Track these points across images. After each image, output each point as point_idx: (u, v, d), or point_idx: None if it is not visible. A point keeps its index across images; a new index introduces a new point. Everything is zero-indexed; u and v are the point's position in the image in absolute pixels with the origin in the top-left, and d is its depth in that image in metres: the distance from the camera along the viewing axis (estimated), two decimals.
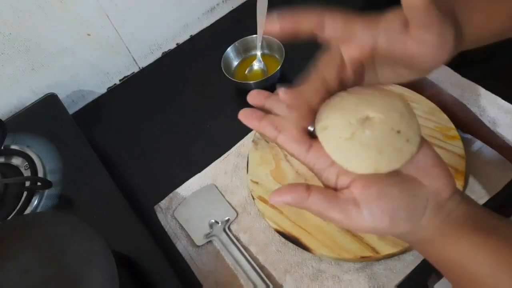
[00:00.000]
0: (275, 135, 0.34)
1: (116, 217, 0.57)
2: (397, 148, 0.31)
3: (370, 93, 0.33)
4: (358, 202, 0.31)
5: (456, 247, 0.31)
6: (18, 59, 0.70)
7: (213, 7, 0.85)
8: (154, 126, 0.74)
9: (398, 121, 0.31)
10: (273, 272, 0.53)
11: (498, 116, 0.58)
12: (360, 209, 0.31)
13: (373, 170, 0.31)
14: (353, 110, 0.32)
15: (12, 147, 0.66)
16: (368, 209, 0.30)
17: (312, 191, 0.32)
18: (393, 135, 0.31)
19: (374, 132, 0.31)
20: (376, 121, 0.31)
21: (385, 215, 0.30)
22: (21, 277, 0.43)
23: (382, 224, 0.30)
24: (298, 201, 0.32)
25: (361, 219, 0.31)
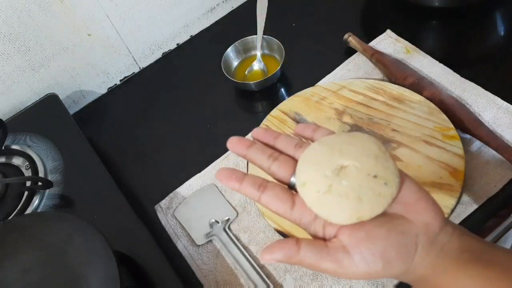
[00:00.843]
0: (258, 196, 0.34)
1: (117, 216, 0.57)
2: (376, 193, 0.30)
3: (342, 141, 0.33)
4: (348, 249, 0.30)
5: (455, 282, 0.30)
6: (19, 59, 0.70)
7: (213, 7, 0.85)
8: (155, 126, 0.74)
9: (374, 165, 0.31)
10: (273, 272, 0.54)
11: (498, 116, 0.58)
12: (350, 255, 0.30)
13: (356, 219, 0.30)
14: (327, 161, 0.32)
15: (12, 147, 0.66)
16: (359, 254, 0.30)
17: (301, 244, 0.31)
18: (371, 181, 0.30)
19: (351, 181, 0.31)
20: (351, 169, 0.31)
21: (376, 258, 0.30)
22: (21, 277, 0.43)
23: (375, 267, 0.30)
24: (289, 256, 0.31)
25: (353, 265, 0.30)
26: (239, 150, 0.36)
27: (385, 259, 0.30)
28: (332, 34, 0.76)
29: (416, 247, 0.30)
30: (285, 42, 0.73)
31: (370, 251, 0.30)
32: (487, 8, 0.72)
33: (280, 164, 0.35)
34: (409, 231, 0.30)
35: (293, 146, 0.36)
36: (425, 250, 0.30)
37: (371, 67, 0.69)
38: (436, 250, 0.30)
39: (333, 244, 0.31)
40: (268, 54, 0.77)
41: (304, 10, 0.83)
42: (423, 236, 0.30)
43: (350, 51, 0.73)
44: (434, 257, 0.30)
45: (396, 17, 0.77)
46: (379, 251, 0.30)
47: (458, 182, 0.53)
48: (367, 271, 0.30)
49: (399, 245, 0.30)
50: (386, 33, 0.73)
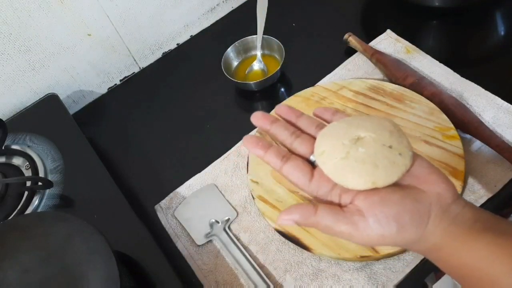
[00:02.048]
0: (280, 165, 0.36)
1: (117, 216, 0.57)
2: (391, 161, 0.32)
3: (359, 118, 0.36)
4: (363, 212, 0.32)
5: (469, 250, 0.31)
6: (19, 59, 0.70)
7: (213, 7, 0.85)
8: (155, 126, 0.74)
9: (388, 138, 0.33)
10: (273, 272, 0.54)
11: (498, 116, 0.58)
12: (365, 218, 0.31)
13: (371, 184, 0.32)
14: (345, 133, 0.34)
15: (13, 147, 0.66)
16: (373, 216, 0.31)
17: (319, 207, 0.33)
18: (386, 150, 0.32)
19: (367, 149, 0.33)
20: (368, 139, 0.33)
21: (390, 221, 0.31)
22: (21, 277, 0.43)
23: (389, 230, 0.31)
24: (306, 217, 0.33)
25: (368, 228, 0.31)
26: (262, 125, 0.38)
27: (399, 222, 0.31)
28: (332, 34, 0.76)
29: (429, 214, 0.31)
30: (285, 42, 0.73)
31: (384, 214, 0.31)
32: (487, 8, 0.72)
33: (301, 141, 0.37)
34: (422, 199, 0.32)
35: (314, 126, 0.38)
36: (438, 218, 0.31)
37: (371, 67, 0.69)
38: (449, 219, 0.32)
39: (348, 208, 0.33)
40: (268, 54, 0.77)
41: (304, 10, 0.83)
42: (435, 205, 0.32)
43: (350, 51, 0.73)
44: (446, 225, 0.31)
45: (396, 17, 0.77)
46: (393, 215, 0.31)
47: (458, 182, 0.53)
48: (382, 234, 0.31)
49: (413, 210, 0.31)
50: (386, 33, 0.73)
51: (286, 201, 0.57)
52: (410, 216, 0.31)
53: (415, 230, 0.31)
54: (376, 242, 0.32)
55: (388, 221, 0.31)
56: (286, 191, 0.58)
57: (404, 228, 0.31)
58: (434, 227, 0.31)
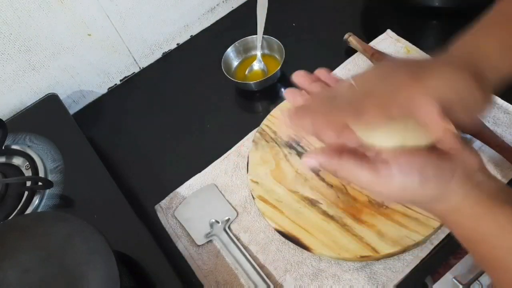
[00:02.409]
0: None
1: (117, 216, 0.57)
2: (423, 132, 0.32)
3: None
4: (388, 160, 0.32)
5: (488, 217, 0.31)
6: (19, 59, 0.70)
7: (213, 7, 0.85)
8: (155, 126, 0.74)
9: None
10: (273, 271, 0.54)
11: (498, 116, 0.58)
12: (389, 166, 0.31)
13: (400, 142, 0.32)
14: None
15: (13, 147, 0.66)
16: (397, 165, 0.31)
17: (344, 152, 0.33)
18: None
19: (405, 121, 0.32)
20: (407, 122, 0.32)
21: (414, 171, 0.31)
22: (21, 277, 0.43)
23: (411, 181, 0.31)
24: (331, 158, 0.33)
25: (390, 176, 0.31)
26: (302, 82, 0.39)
27: (422, 175, 0.31)
28: (332, 34, 0.76)
29: (453, 174, 0.31)
30: (285, 42, 0.73)
31: (409, 164, 0.31)
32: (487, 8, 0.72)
33: None
34: (449, 159, 0.32)
35: None
36: (461, 180, 0.31)
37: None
38: (473, 183, 0.32)
39: (374, 157, 0.33)
40: (268, 54, 0.77)
41: (304, 10, 0.83)
42: (460, 168, 0.32)
43: (350, 51, 0.73)
44: (470, 188, 0.31)
45: (396, 17, 0.77)
46: (417, 166, 0.31)
47: None
48: (403, 184, 0.31)
49: (437, 166, 0.31)
50: (386, 33, 0.73)
51: (286, 201, 0.57)
52: (434, 171, 0.31)
53: (437, 186, 0.31)
54: (396, 193, 0.32)
55: (412, 171, 0.31)
56: (286, 191, 0.58)
57: (426, 181, 0.31)
58: (457, 188, 0.31)
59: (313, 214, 0.55)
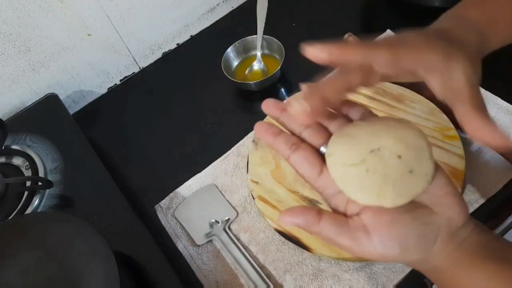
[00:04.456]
0: (288, 154, 0.34)
1: (117, 216, 0.57)
2: (406, 184, 0.30)
3: (388, 124, 0.32)
4: (368, 230, 0.30)
5: (470, 276, 0.31)
6: (19, 59, 0.70)
7: (213, 7, 0.85)
8: (155, 126, 0.74)
9: (413, 158, 0.30)
10: (273, 272, 0.54)
11: (498, 116, 0.58)
12: (370, 236, 0.30)
13: (378, 203, 0.30)
14: (366, 139, 0.31)
15: (13, 147, 0.66)
16: (378, 236, 0.30)
17: (323, 216, 0.31)
18: (404, 171, 0.30)
19: (383, 165, 0.30)
20: (387, 154, 0.30)
21: (395, 243, 0.30)
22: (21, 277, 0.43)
23: (392, 252, 0.30)
24: (309, 224, 0.31)
25: (371, 246, 0.30)
26: (273, 112, 0.37)
27: (403, 246, 0.30)
28: (332, 34, 0.76)
29: (436, 238, 0.31)
30: (285, 42, 0.73)
31: (390, 236, 0.30)
32: None
33: (312, 131, 0.35)
34: (432, 222, 0.31)
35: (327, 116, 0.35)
36: (444, 242, 0.31)
37: None
38: (455, 244, 0.31)
39: (354, 222, 0.31)
40: (268, 54, 0.77)
41: (304, 10, 0.83)
42: (444, 229, 0.31)
43: None
44: (452, 250, 0.31)
45: (396, 17, 0.77)
46: (398, 237, 0.30)
47: (458, 182, 0.52)
48: (383, 254, 0.30)
49: (420, 234, 0.30)
50: (386, 33, 0.73)
51: (286, 201, 0.57)
52: (416, 240, 0.30)
53: (418, 253, 0.31)
54: (376, 259, 0.31)
55: (393, 243, 0.30)
56: (286, 191, 0.58)
57: (407, 251, 0.30)
58: (439, 251, 0.31)
59: None
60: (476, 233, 0.31)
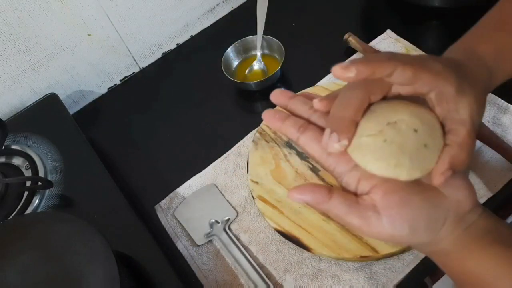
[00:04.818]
0: (297, 136, 0.34)
1: (117, 216, 0.57)
2: (421, 157, 0.30)
3: (403, 101, 0.33)
4: (378, 209, 0.31)
5: (476, 259, 0.31)
6: (19, 59, 0.70)
7: (213, 7, 0.85)
8: (155, 126, 0.74)
9: (428, 134, 0.31)
10: (273, 272, 0.54)
11: (498, 116, 0.58)
12: (379, 216, 0.30)
13: (394, 174, 0.30)
14: (383, 113, 0.32)
15: (12, 147, 0.66)
16: (388, 216, 0.30)
17: (333, 194, 0.32)
18: (421, 146, 0.30)
19: (401, 137, 0.30)
20: (404, 127, 0.31)
21: (404, 224, 0.30)
22: (21, 277, 0.43)
23: (401, 232, 0.30)
24: (318, 201, 0.32)
25: (380, 226, 0.30)
26: (281, 101, 0.37)
27: (412, 226, 0.30)
28: (332, 34, 0.76)
29: (444, 221, 0.31)
30: (285, 42, 0.73)
31: (400, 216, 0.30)
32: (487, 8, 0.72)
33: (321, 115, 0.35)
34: (442, 205, 0.31)
35: None
36: (452, 225, 0.31)
37: None
38: (463, 227, 0.31)
39: (364, 201, 0.31)
40: (268, 54, 0.77)
41: (304, 10, 0.83)
42: (453, 212, 0.31)
43: (350, 51, 0.73)
44: (459, 233, 0.31)
45: (396, 17, 0.77)
46: (408, 218, 0.30)
47: None
48: (392, 234, 0.31)
49: (429, 216, 0.31)
50: (386, 33, 0.73)
51: (286, 201, 0.57)
52: (425, 222, 0.30)
53: (426, 235, 0.31)
54: (385, 239, 0.31)
55: (402, 223, 0.30)
56: (286, 191, 0.58)
57: (416, 232, 0.31)
58: (447, 234, 0.31)
59: (313, 214, 0.55)
60: (484, 218, 0.32)
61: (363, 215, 0.31)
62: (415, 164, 0.30)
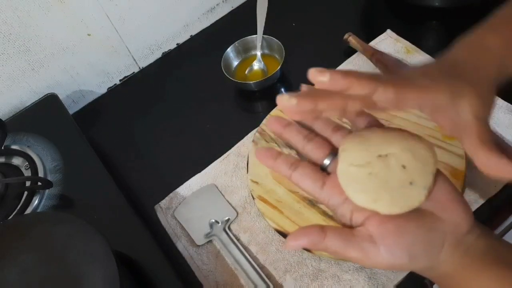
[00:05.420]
0: (289, 174, 0.35)
1: (117, 217, 0.57)
2: (404, 195, 0.30)
3: (402, 134, 0.33)
4: (375, 239, 0.31)
5: (478, 281, 0.31)
6: (19, 59, 0.70)
7: (213, 7, 0.85)
8: (155, 126, 0.74)
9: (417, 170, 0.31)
10: (273, 272, 0.54)
11: (498, 116, 0.58)
12: (377, 246, 0.30)
13: (373, 207, 0.30)
14: (377, 143, 0.32)
15: (12, 147, 0.66)
16: (385, 246, 0.30)
17: (327, 231, 0.32)
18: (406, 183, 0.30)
19: (387, 172, 0.31)
20: (393, 162, 0.31)
21: (403, 252, 0.30)
22: (21, 277, 0.43)
23: (400, 260, 0.30)
24: (314, 243, 0.32)
25: (379, 256, 0.30)
26: (276, 129, 0.37)
27: (411, 253, 0.30)
28: (332, 34, 0.76)
29: (442, 245, 0.31)
30: (285, 42, 0.73)
31: (397, 244, 0.30)
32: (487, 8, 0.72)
33: (314, 145, 0.35)
34: (438, 229, 0.31)
35: (331, 129, 0.36)
36: (451, 248, 0.31)
37: (371, 67, 0.69)
38: (462, 250, 0.31)
39: (359, 232, 0.31)
40: (268, 54, 0.77)
41: (304, 10, 0.83)
42: (451, 235, 0.31)
43: (350, 51, 0.73)
44: (459, 256, 0.31)
45: (396, 17, 0.77)
46: (406, 245, 0.30)
47: (458, 182, 0.52)
48: (392, 263, 0.30)
49: (427, 241, 0.30)
50: (386, 33, 0.73)
51: (286, 201, 0.57)
52: (424, 247, 0.30)
53: (426, 260, 0.31)
54: (386, 268, 0.31)
55: (401, 252, 0.30)
56: (286, 191, 0.58)
57: (415, 259, 0.30)
58: (447, 257, 0.31)
59: (313, 214, 0.55)
60: (482, 238, 0.32)
61: (360, 248, 0.31)
62: (395, 200, 0.30)
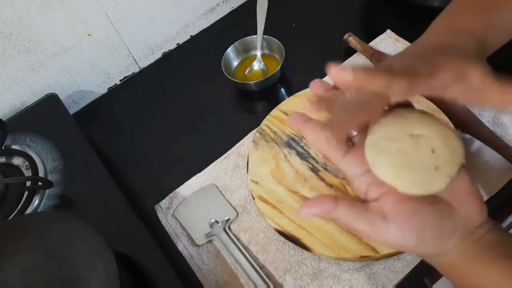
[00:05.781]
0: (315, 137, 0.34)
1: (117, 216, 0.57)
2: (426, 178, 0.30)
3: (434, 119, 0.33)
4: (386, 216, 0.31)
5: (484, 272, 0.31)
6: (19, 59, 0.70)
7: (213, 7, 0.85)
8: (155, 126, 0.74)
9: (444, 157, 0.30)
10: (273, 272, 0.54)
11: (498, 116, 0.58)
12: (387, 223, 0.30)
13: (393, 183, 0.30)
14: (412, 122, 0.32)
15: (13, 147, 0.66)
16: (396, 224, 0.30)
17: (339, 202, 0.32)
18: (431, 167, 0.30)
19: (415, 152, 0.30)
20: (423, 143, 0.31)
21: (412, 233, 0.30)
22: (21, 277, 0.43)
23: (408, 241, 0.30)
24: (326, 212, 0.32)
25: (388, 233, 0.30)
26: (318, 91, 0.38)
27: (420, 237, 0.30)
28: (332, 34, 0.76)
29: (453, 233, 0.31)
30: (285, 42, 0.73)
31: (408, 225, 0.30)
32: None
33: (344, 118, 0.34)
34: (452, 219, 0.31)
35: None
36: (461, 238, 0.31)
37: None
38: (471, 240, 0.31)
39: (372, 207, 0.31)
40: (268, 54, 0.77)
41: (304, 10, 0.83)
42: (462, 226, 0.31)
43: (350, 51, 0.73)
44: (467, 246, 0.31)
45: (396, 17, 0.77)
46: (416, 227, 0.30)
47: None
48: (400, 243, 0.31)
49: (438, 228, 0.31)
50: (386, 33, 0.73)
51: (286, 201, 0.57)
52: (434, 233, 0.30)
53: (434, 247, 0.31)
54: (392, 246, 0.31)
55: (411, 233, 0.30)
56: (286, 191, 0.58)
57: (424, 242, 0.31)
58: (454, 246, 0.31)
59: None
60: (493, 232, 0.32)
61: (370, 221, 0.31)
62: (417, 181, 0.30)
